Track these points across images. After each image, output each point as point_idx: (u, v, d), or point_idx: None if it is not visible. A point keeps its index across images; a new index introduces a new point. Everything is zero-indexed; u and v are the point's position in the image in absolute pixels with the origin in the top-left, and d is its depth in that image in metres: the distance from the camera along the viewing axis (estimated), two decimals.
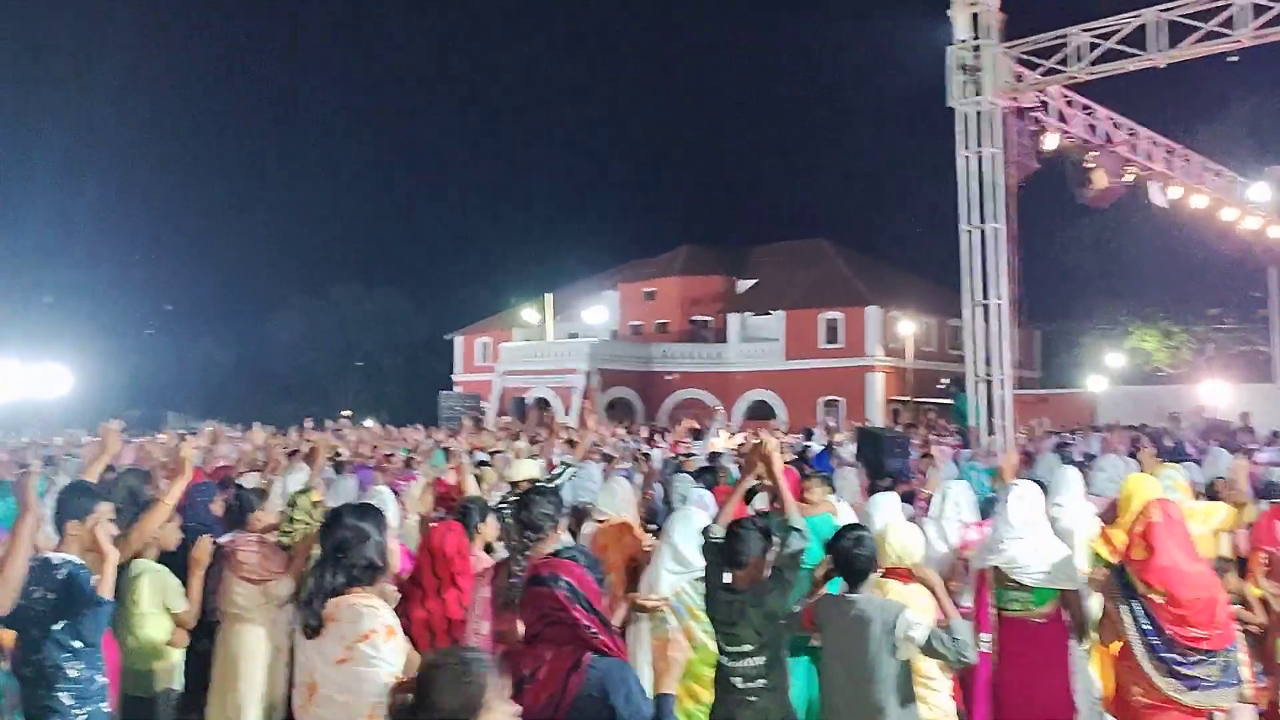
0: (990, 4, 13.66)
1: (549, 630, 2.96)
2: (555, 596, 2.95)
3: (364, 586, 3.29)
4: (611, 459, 12.80)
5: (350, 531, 3.31)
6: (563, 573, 3.01)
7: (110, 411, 36.90)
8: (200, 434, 21.96)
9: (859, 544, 4.47)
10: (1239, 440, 17.53)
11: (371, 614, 3.20)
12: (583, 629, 2.92)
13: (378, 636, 3.16)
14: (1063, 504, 6.58)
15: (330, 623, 3.20)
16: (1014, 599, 5.14)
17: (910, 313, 42.55)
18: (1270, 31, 12.42)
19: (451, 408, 42.39)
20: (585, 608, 2.95)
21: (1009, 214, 13.70)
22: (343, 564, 3.26)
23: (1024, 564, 5.09)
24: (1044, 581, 5.07)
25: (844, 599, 4.40)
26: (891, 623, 4.17)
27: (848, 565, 4.46)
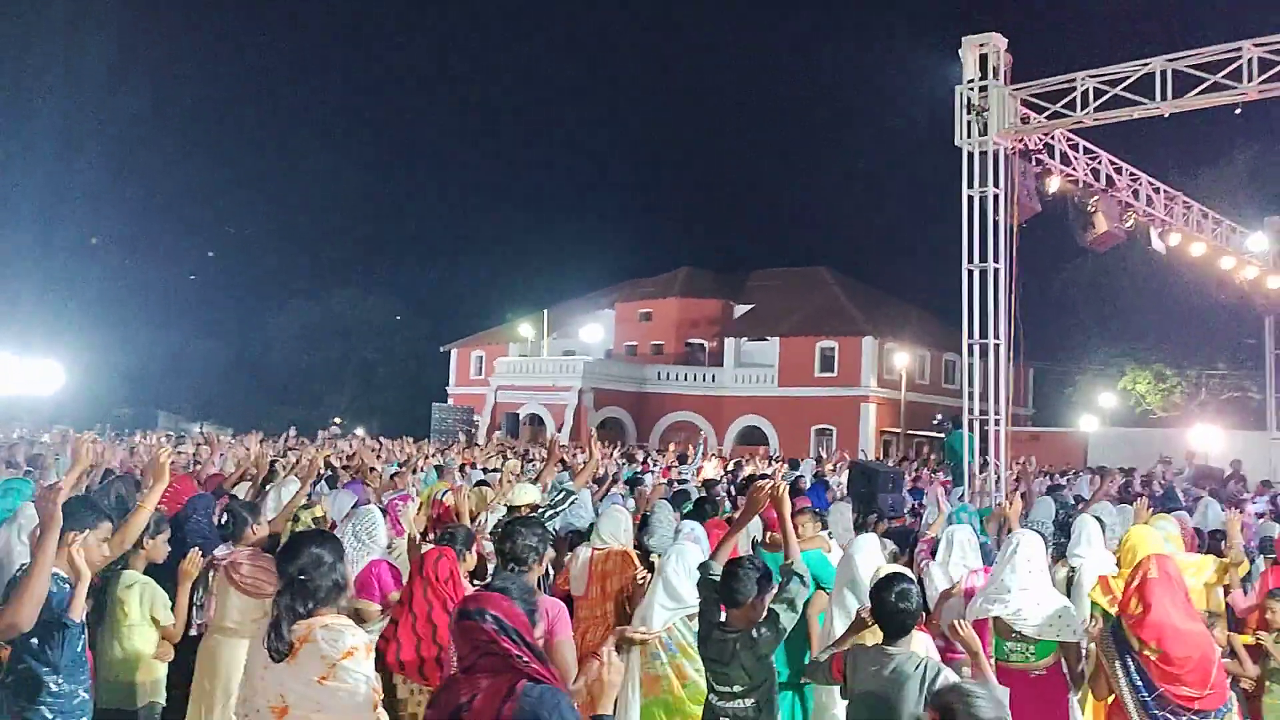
0: (998, 46, 13.74)
1: (483, 661, 3.01)
2: (483, 629, 3.00)
3: (329, 607, 3.46)
4: (602, 482, 12.79)
5: (310, 558, 3.45)
6: (489, 606, 3.05)
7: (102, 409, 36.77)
8: (189, 439, 21.93)
9: (904, 597, 4.24)
10: (1230, 489, 17.58)
11: (351, 632, 3.40)
12: (515, 659, 2.97)
13: (359, 653, 3.34)
14: (1083, 555, 6.56)
15: (303, 644, 3.32)
16: (1015, 650, 5.09)
17: (906, 345, 42.64)
18: (1275, 85, 12.50)
19: (444, 420, 42.39)
20: (515, 639, 3.00)
21: (1010, 254, 13.72)
22: (309, 587, 3.41)
23: (1028, 616, 5.05)
24: (1047, 634, 5.01)
25: (881, 651, 4.21)
26: (931, 681, 4.00)
27: (890, 618, 4.25)
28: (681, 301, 48.82)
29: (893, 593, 4.24)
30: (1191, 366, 39.82)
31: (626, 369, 46.14)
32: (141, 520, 5.20)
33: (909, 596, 4.24)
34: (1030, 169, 14.21)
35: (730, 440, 42.94)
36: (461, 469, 14.87)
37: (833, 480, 15.93)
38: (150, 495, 5.18)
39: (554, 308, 50.50)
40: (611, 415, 44.37)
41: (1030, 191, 14.04)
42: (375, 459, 14.71)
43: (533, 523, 5.09)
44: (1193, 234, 18.28)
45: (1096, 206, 15.22)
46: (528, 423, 44.79)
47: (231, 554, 5.72)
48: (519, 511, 6.55)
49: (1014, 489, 13.85)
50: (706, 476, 14.74)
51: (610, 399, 44.27)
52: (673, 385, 45.64)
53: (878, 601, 4.28)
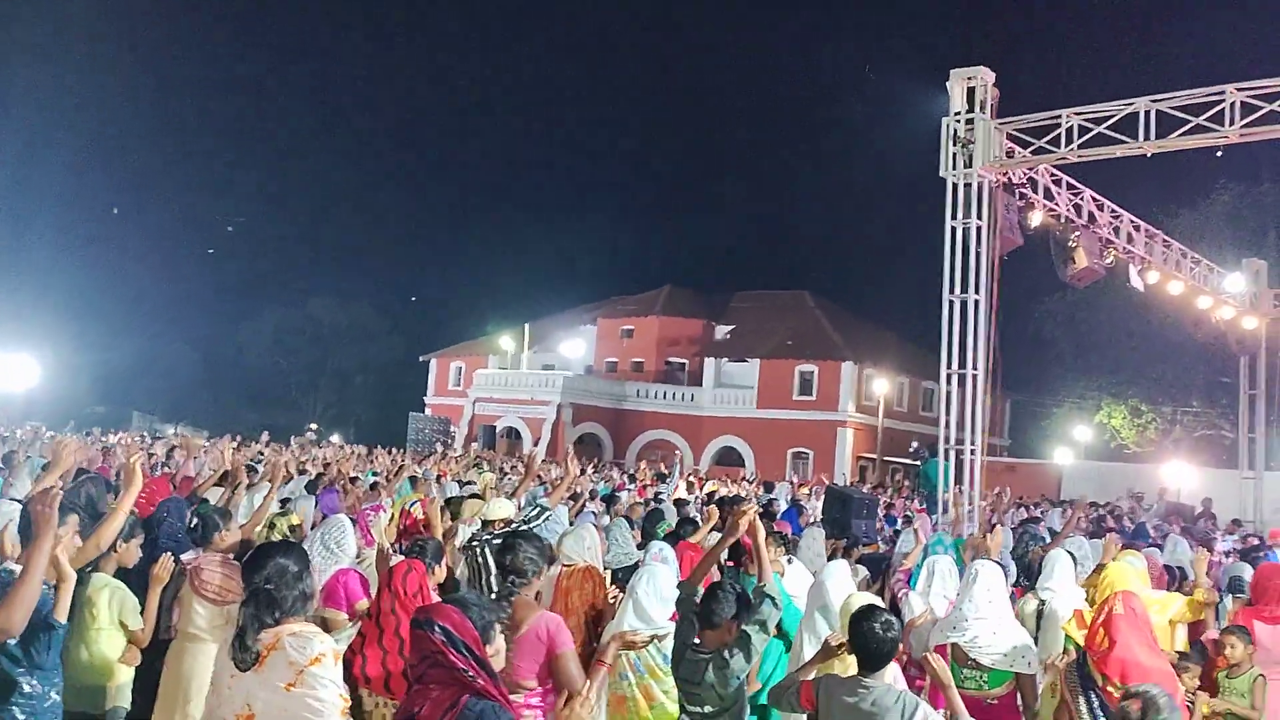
0: (986, 80, 13.88)
1: (431, 671, 3.03)
2: (431, 640, 3.01)
3: (296, 616, 3.48)
4: (578, 498, 12.78)
5: (275, 568, 3.48)
6: (438, 618, 3.06)
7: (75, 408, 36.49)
8: (161, 440, 21.80)
9: (889, 628, 4.17)
10: (1200, 526, 17.71)
11: (319, 639, 3.42)
12: (460, 672, 2.98)
13: (327, 660, 3.36)
14: (1054, 589, 6.60)
15: (271, 652, 3.34)
16: (969, 678, 5.17)
17: (885, 371, 42.82)
18: (1256, 130, 12.66)
19: (421, 430, 42.23)
20: (463, 652, 3.00)
21: (991, 286, 13.82)
22: (275, 596, 3.43)
23: (984, 644, 5.13)
24: (1001, 663, 5.10)
25: (858, 682, 4.13)
26: (910, 715, 3.94)
27: (870, 649, 4.15)
28: (663, 320, 48.88)
29: (877, 623, 4.16)
30: (1166, 403, 40.11)
31: (606, 385, 46.13)
32: (117, 524, 5.17)
33: (892, 628, 4.18)
34: (1013, 202, 14.33)
35: (707, 460, 42.95)
36: (438, 480, 14.83)
37: (808, 505, 15.97)
38: (124, 500, 5.14)
39: (535, 321, 50.47)
40: (589, 431, 44.32)
41: (1013, 225, 14.15)
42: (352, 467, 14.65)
43: (532, 536, 5.08)
44: (1171, 272, 18.45)
45: (1078, 242, 15.35)
46: (505, 436, 44.69)
47: (197, 559, 5.68)
48: (493, 526, 6.53)
49: (989, 519, 13.93)
50: (677, 496, 14.74)
51: (589, 415, 44.23)
52: (651, 403, 45.65)
53: (860, 631, 4.19)
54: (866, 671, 4.16)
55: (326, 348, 66.38)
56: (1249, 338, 22.01)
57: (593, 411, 44.44)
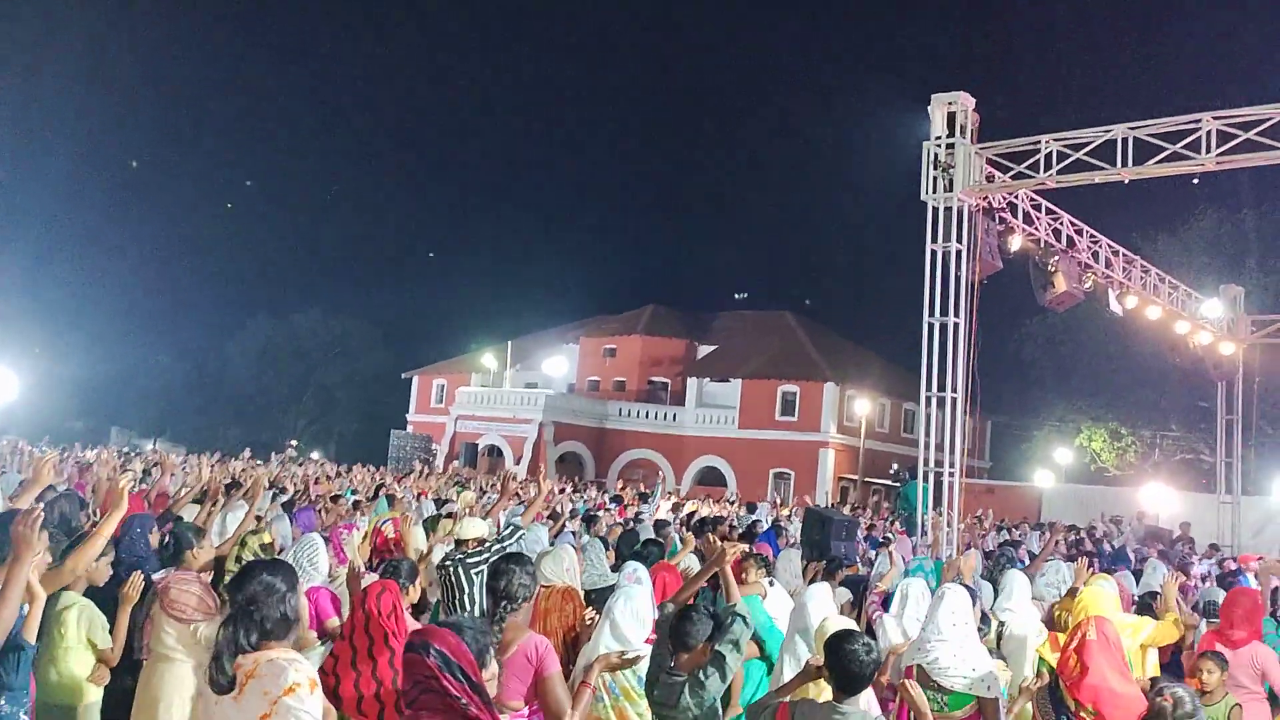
0: (966, 105, 13.99)
1: (424, 697, 2.97)
2: (426, 664, 2.96)
3: (279, 641, 3.35)
4: (557, 517, 12.75)
5: (262, 586, 3.36)
6: (435, 641, 3.01)
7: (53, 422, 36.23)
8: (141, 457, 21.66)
9: (868, 651, 4.12)
10: (1178, 550, 17.78)
11: (296, 667, 3.27)
12: (452, 699, 2.93)
13: (302, 689, 3.22)
14: (1012, 609, 6.62)
15: (249, 679, 3.23)
16: (930, 700, 5.15)
17: (867, 392, 42.92)
18: (1232, 158, 12.79)
19: (402, 448, 42.08)
20: (458, 677, 2.95)
21: (972, 309, 13.90)
22: (255, 619, 3.31)
23: (945, 666, 5.11)
24: (962, 686, 5.08)
25: (833, 708, 4.09)
26: None
27: (847, 672, 4.11)
28: (646, 339, 48.90)
29: (858, 645, 4.13)
30: (1146, 427, 40.29)
31: (588, 404, 46.08)
32: (97, 547, 5.11)
33: (873, 651, 4.15)
34: (993, 227, 14.43)
35: (689, 480, 42.93)
36: (418, 499, 14.78)
37: (789, 526, 15.97)
38: (107, 522, 5.08)
39: (518, 339, 50.44)
40: (571, 450, 44.25)
41: (992, 249, 14.25)
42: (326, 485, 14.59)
43: (524, 559, 5.07)
44: (1150, 297, 18.60)
45: (1057, 266, 15.46)
46: (486, 454, 44.57)
47: (167, 578, 5.63)
48: (466, 546, 6.51)
49: (966, 542, 13.98)
50: (658, 517, 14.73)
51: (570, 433, 44.17)
52: (633, 422, 45.62)
53: (840, 654, 4.15)
54: (843, 695, 4.14)
55: (309, 364, 66.14)
56: (1226, 363, 22.17)
57: (575, 430, 44.39)
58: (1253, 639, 6.56)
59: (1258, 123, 12.54)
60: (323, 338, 66.11)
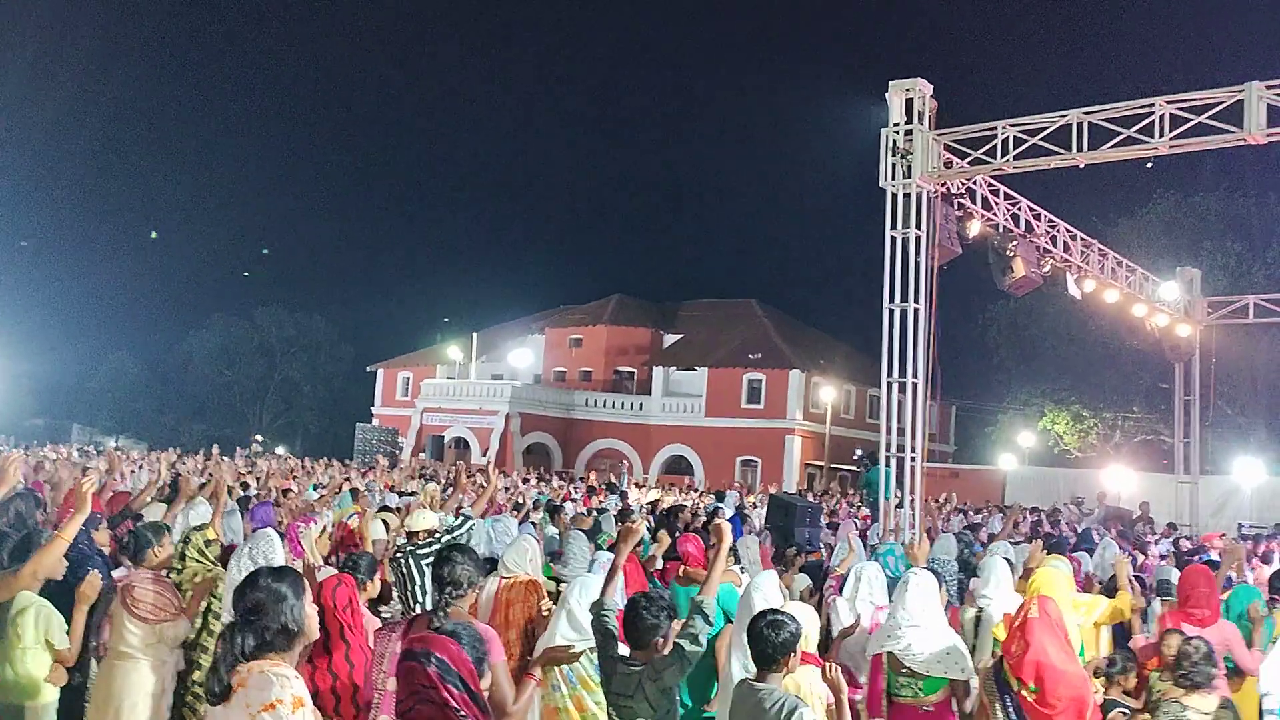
0: (924, 91, 14.03)
1: (419, 707, 2.93)
2: (425, 673, 2.93)
3: (278, 653, 3.16)
4: (521, 508, 12.76)
5: (265, 593, 3.17)
6: (436, 649, 2.98)
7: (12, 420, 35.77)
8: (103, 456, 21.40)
9: (774, 628, 4.22)
10: (1137, 530, 18.01)
11: (282, 683, 3.08)
12: (451, 710, 2.89)
13: (284, 708, 3.03)
14: (990, 595, 6.66)
15: (239, 689, 3.09)
16: (905, 685, 5.20)
17: (832, 379, 43.13)
18: (1185, 142, 12.91)
19: (368, 441, 41.88)
20: (458, 686, 2.92)
21: (931, 295, 13.96)
22: (255, 627, 3.13)
23: (917, 651, 5.15)
24: (935, 670, 5.12)
25: (750, 685, 4.23)
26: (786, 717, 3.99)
27: (756, 649, 4.26)
28: (611, 329, 48.88)
29: (763, 622, 4.25)
30: (1108, 409, 40.69)
31: (554, 395, 46.03)
32: (59, 550, 5.03)
33: (781, 628, 4.23)
34: (952, 212, 14.48)
35: (656, 469, 43.01)
36: (384, 493, 14.72)
37: (755, 514, 16.04)
38: (70, 525, 5.01)
39: (483, 331, 50.29)
40: (538, 441, 44.20)
41: (951, 234, 14.30)
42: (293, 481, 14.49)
43: (466, 548, 5.04)
44: (1107, 281, 18.77)
45: (1015, 251, 15.54)
46: (453, 446, 44.44)
47: (128, 577, 5.59)
48: (417, 537, 6.50)
49: (926, 526, 14.08)
50: (623, 507, 14.75)
51: (537, 424, 44.11)
52: (600, 412, 45.62)
53: (751, 633, 4.29)
54: (761, 673, 4.24)
55: (273, 359, 65.62)
56: (1184, 345, 22.42)
57: (541, 421, 44.33)
58: (1217, 616, 6.66)
59: (1209, 106, 12.65)
60: (286, 332, 65.57)
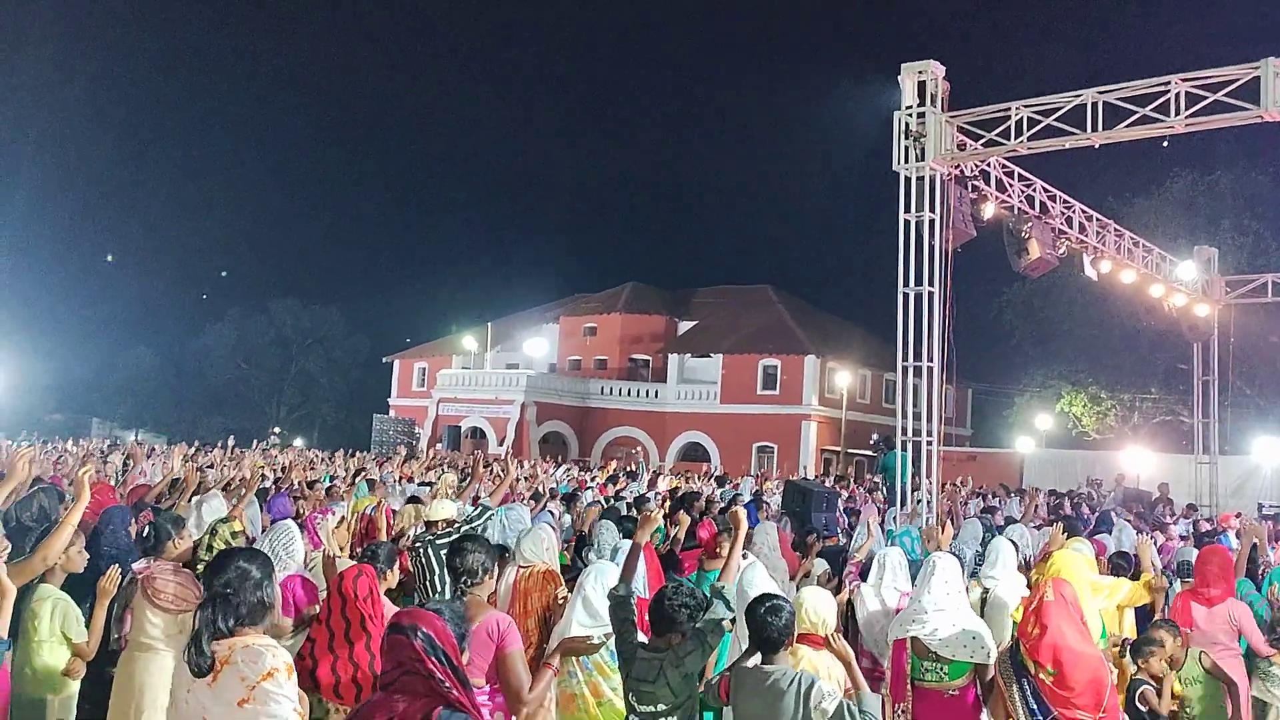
0: (936, 73, 13.94)
1: (404, 679, 2.97)
2: (412, 647, 2.96)
3: (254, 626, 3.41)
4: (539, 497, 12.77)
5: (236, 573, 3.40)
6: (422, 623, 3.01)
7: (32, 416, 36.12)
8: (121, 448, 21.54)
9: (774, 613, 4.32)
10: (1157, 512, 17.93)
11: (272, 653, 3.35)
12: (436, 682, 2.93)
13: (280, 674, 3.30)
14: (996, 577, 6.66)
15: (225, 665, 3.28)
16: (930, 670, 5.17)
17: (848, 364, 43.03)
18: (1201, 120, 12.80)
19: (385, 432, 42.02)
20: (441, 661, 2.96)
21: (946, 278, 13.90)
22: (232, 603, 3.35)
23: (943, 636, 5.13)
24: (961, 655, 5.10)
25: (758, 669, 4.29)
26: (805, 694, 4.07)
27: (761, 634, 4.33)
28: (626, 317, 48.87)
29: (763, 608, 4.33)
30: (1125, 390, 40.45)
31: (569, 383, 46.07)
32: (64, 538, 5.11)
33: (780, 613, 4.32)
34: (966, 195, 14.41)
35: (672, 456, 43.02)
36: (400, 483, 14.76)
37: (771, 500, 16.02)
38: (72, 513, 5.09)
39: (498, 321, 50.35)
40: (554, 430, 44.26)
41: (965, 217, 14.23)
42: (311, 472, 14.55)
43: (479, 538, 5.07)
44: (1124, 261, 18.65)
45: (1030, 233, 15.47)
46: (469, 436, 44.54)
47: (149, 568, 5.62)
48: (435, 527, 6.52)
49: (945, 511, 14.04)
50: (639, 494, 14.76)
51: (553, 413, 44.16)
52: (616, 400, 45.64)
53: (752, 619, 4.36)
54: (766, 658, 4.30)
55: (290, 351, 65.86)
56: (1202, 324, 22.27)
57: (557, 410, 44.38)
58: (1227, 595, 6.65)
59: (1226, 83, 12.54)
60: (301, 325, 65.79)
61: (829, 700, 4.06)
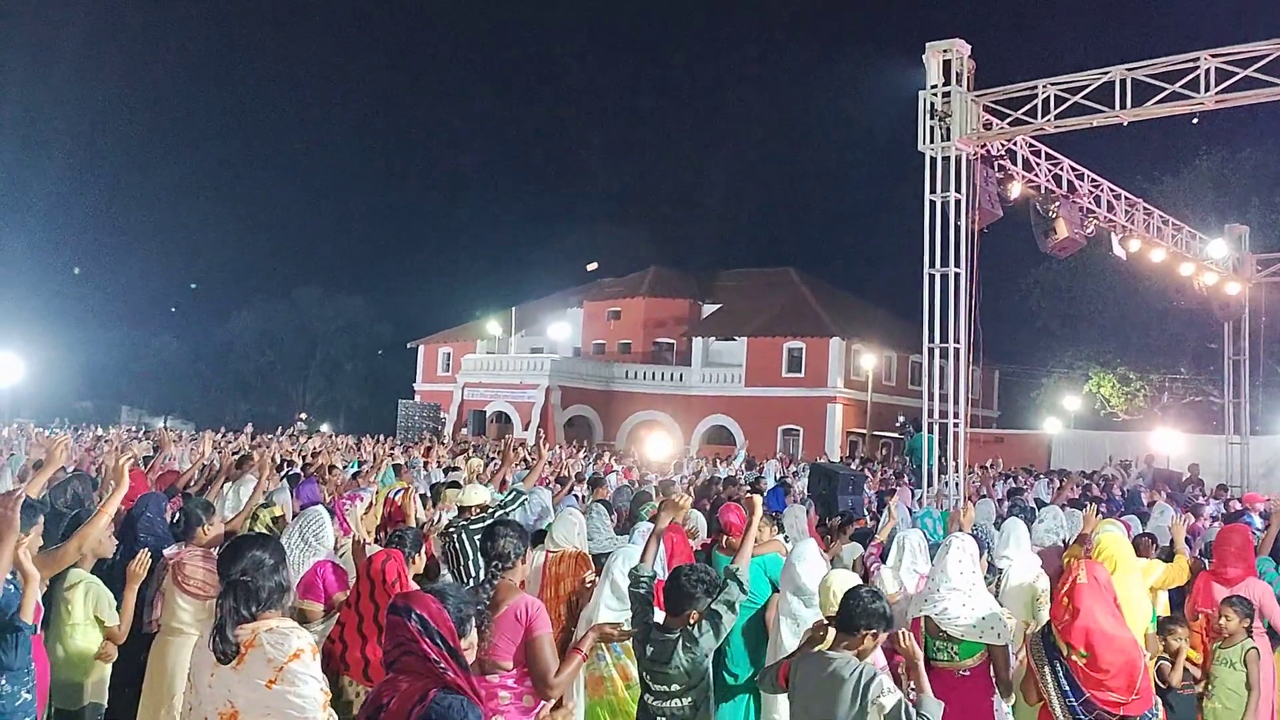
0: (961, 52, 13.82)
1: (404, 659, 3.01)
2: (407, 628, 3.00)
3: (275, 610, 3.45)
4: (564, 482, 12.80)
5: (251, 560, 3.45)
6: (416, 605, 3.04)
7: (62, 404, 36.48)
8: (151, 435, 21.74)
9: (875, 598, 4.25)
10: (1187, 493, 17.80)
11: (297, 634, 3.38)
12: (432, 663, 2.96)
13: (306, 655, 3.33)
14: (1010, 557, 6.65)
15: (250, 649, 3.32)
16: (941, 649, 5.18)
17: (873, 346, 42.83)
18: (1231, 96, 12.65)
19: (410, 417, 42.19)
20: (436, 642, 2.98)
21: (972, 258, 13.81)
22: (251, 589, 3.39)
23: (954, 616, 5.13)
24: (971, 635, 5.11)
25: (821, 655, 4.22)
26: (865, 686, 4.00)
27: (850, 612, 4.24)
28: (649, 300, 48.80)
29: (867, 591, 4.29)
30: (1154, 370, 40.07)
31: (594, 367, 46.08)
32: (102, 525, 5.15)
33: (879, 598, 4.27)
34: (992, 175, 14.30)
35: (697, 440, 42.97)
36: (425, 467, 14.83)
37: (796, 484, 16.01)
38: (110, 500, 5.14)
39: (521, 305, 50.37)
40: (579, 414, 44.31)
41: (992, 197, 14.12)
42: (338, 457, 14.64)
43: (511, 522, 5.09)
44: (1153, 240, 18.47)
45: (1058, 212, 15.35)
46: (494, 420, 44.66)
47: (179, 554, 5.66)
48: (469, 512, 6.53)
49: (975, 492, 13.98)
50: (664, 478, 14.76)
51: (577, 397, 44.20)
52: (640, 384, 45.63)
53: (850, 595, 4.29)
54: (838, 640, 4.25)
55: (314, 337, 66.23)
56: (1232, 303, 22.06)
57: (581, 394, 44.41)
58: (1247, 575, 6.58)
59: (1257, 59, 12.38)
60: (327, 312, 66.13)
61: (888, 696, 3.99)
